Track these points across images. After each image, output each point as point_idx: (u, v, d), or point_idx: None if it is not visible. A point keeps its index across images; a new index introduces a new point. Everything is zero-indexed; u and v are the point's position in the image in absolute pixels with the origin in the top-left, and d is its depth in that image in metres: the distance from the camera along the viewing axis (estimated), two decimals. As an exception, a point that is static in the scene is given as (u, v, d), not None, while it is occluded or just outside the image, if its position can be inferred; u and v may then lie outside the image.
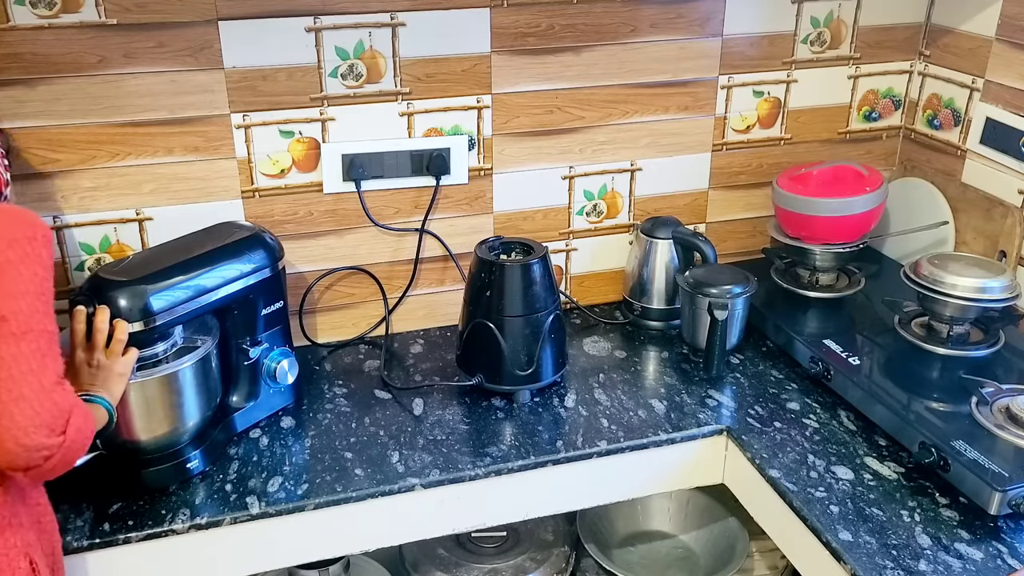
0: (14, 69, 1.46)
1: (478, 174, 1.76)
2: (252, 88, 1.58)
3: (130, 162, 1.57)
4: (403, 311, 1.82)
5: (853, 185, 1.77)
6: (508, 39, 1.68)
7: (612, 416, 1.55)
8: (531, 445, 1.47)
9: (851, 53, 1.90)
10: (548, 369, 1.58)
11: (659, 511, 1.88)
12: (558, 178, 1.82)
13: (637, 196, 1.89)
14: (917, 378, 1.55)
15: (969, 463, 1.29)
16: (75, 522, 1.30)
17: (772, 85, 1.88)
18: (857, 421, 1.51)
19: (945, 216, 1.84)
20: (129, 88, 1.52)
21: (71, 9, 1.45)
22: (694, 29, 1.77)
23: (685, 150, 1.88)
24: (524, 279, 1.53)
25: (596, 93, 1.77)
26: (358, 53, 1.61)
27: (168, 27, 1.50)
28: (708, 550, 1.81)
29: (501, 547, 1.79)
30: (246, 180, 1.64)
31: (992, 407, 1.41)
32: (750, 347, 1.75)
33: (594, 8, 1.70)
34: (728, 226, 1.98)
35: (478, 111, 1.71)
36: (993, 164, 1.76)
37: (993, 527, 1.28)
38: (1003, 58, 1.72)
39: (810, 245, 1.81)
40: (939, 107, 1.89)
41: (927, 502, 1.33)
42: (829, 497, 1.34)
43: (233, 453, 1.46)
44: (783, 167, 1.90)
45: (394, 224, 1.74)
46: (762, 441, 1.47)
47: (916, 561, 1.22)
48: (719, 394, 1.61)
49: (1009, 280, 1.56)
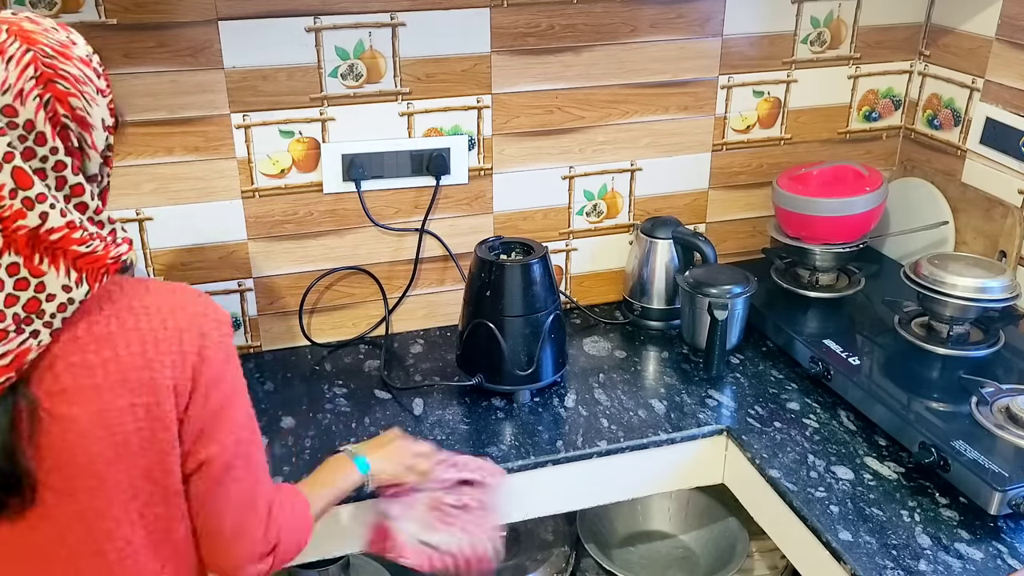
0: (14, 69, 1.46)
1: (478, 174, 1.76)
2: (252, 88, 1.58)
3: (130, 162, 1.57)
4: (403, 311, 1.83)
5: (853, 185, 1.77)
6: (508, 39, 1.68)
7: (612, 416, 1.55)
8: (531, 445, 1.47)
9: (851, 53, 1.90)
10: (548, 369, 1.58)
11: (659, 511, 1.88)
12: (558, 178, 1.82)
13: (637, 196, 1.89)
14: (917, 378, 1.55)
15: (969, 463, 1.29)
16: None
17: (772, 85, 1.88)
18: (857, 421, 1.51)
19: (945, 216, 1.84)
20: (129, 88, 1.52)
21: (71, 9, 1.45)
22: (694, 29, 1.77)
23: (685, 150, 1.88)
24: (524, 279, 1.53)
25: (596, 93, 1.77)
26: (358, 53, 1.61)
27: (168, 27, 1.50)
28: (708, 550, 1.81)
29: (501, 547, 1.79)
30: (246, 180, 1.64)
31: (992, 407, 1.41)
32: (750, 347, 1.75)
33: (594, 8, 1.70)
34: (728, 226, 1.98)
35: (478, 111, 1.71)
36: (993, 164, 1.76)
37: (993, 527, 1.28)
38: (1003, 58, 1.72)
39: (810, 245, 1.81)
40: (939, 107, 1.89)
41: (927, 502, 1.33)
42: (829, 497, 1.34)
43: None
44: (783, 167, 1.90)
45: (394, 224, 1.75)
46: (762, 441, 1.47)
47: (916, 561, 1.22)
48: (719, 394, 1.61)
49: (1009, 280, 1.56)
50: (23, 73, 0.83)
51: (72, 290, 0.86)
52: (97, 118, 0.90)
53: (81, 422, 0.88)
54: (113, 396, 0.89)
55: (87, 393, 0.88)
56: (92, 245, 0.87)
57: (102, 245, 0.88)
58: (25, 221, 0.83)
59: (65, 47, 0.87)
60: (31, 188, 0.83)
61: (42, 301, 0.85)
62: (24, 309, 0.85)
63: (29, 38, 0.85)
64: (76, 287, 0.87)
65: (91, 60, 0.90)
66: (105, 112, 0.91)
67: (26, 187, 0.83)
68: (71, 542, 0.93)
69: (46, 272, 0.85)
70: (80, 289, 0.87)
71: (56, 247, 0.85)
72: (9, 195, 0.82)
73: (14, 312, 0.84)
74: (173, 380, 0.91)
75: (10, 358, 0.84)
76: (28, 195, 0.83)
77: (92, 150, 0.90)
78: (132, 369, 0.89)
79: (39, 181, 0.84)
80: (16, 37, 0.84)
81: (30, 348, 0.85)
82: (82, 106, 0.87)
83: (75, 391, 0.87)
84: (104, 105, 0.91)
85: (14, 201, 0.82)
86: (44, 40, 0.86)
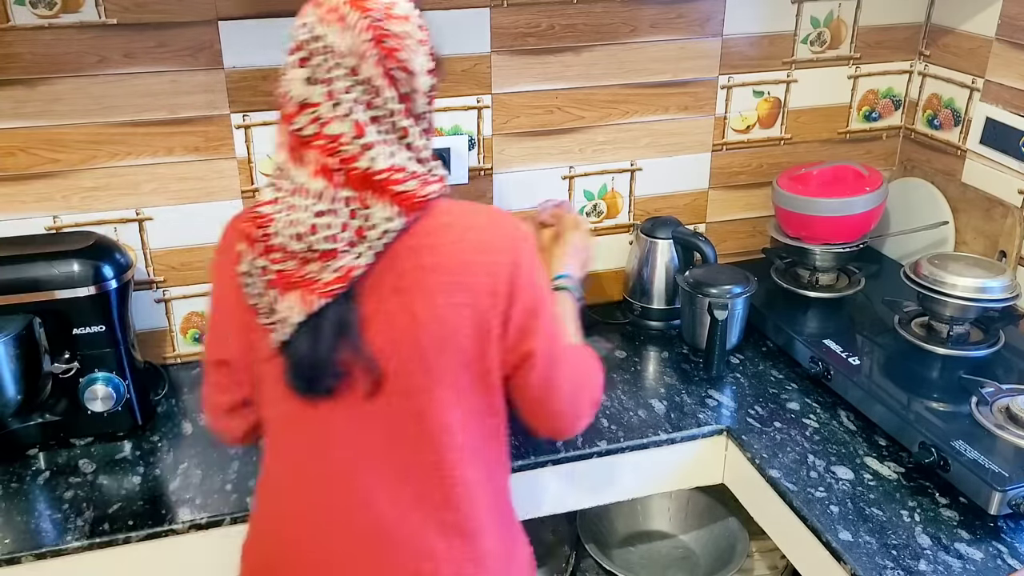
0: (14, 69, 1.46)
1: (478, 174, 1.76)
2: (252, 88, 1.58)
3: (130, 162, 1.57)
4: (403, 311, 1.82)
5: (853, 185, 1.77)
6: (508, 39, 1.68)
7: (612, 416, 1.55)
8: (531, 445, 1.47)
9: (851, 53, 1.90)
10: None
11: (659, 511, 1.88)
12: (558, 178, 1.82)
13: (637, 196, 1.89)
14: (917, 378, 1.55)
15: (969, 463, 1.29)
16: (75, 522, 1.30)
17: (772, 85, 1.88)
18: (857, 421, 1.51)
19: (945, 216, 1.84)
20: (129, 88, 1.52)
21: (71, 9, 1.45)
22: (694, 29, 1.77)
23: (685, 150, 1.88)
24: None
25: (596, 93, 1.77)
26: (358, 53, 1.61)
27: (168, 27, 1.50)
28: (708, 550, 1.81)
29: (501, 547, 1.78)
30: (246, 180, 1.64)
31: (992, 407, 1.41)
32: (750, 347, 1.75)
33: (594, 8, 1.70)
34: (728, 226, 1.98)
35: (478, 111, 1.71)
36: (993, 164, 1.76)
37: (993, 527, 1.28)
38: (1003, 58, 1.72)
39: (810, 245, 1.81)
40: (939, 107, 1.89)
41: (927, 502, 1.33)
42: (829, 497, 1.34)
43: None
44: (783, 167, 1.90)
45: (394, 224, 1.74)
46: (762, 441, 1.47)
47: (916, 561, 1.22)
48: (719, 394, 1.61)
49: (1009, 280, 1.56)
50: (361, 37, 0.97)
51: (392, 220, 1.00)
52: (419, 65, 1.02)
53: (415, 317, 1.02)
54: (442, 296, 1.02)
55: (416, 293, 1.02)
56: (409, 185, 1.00)
57: (417, 183, 1.01)
58: (359, 164, 0.98)
59: (389, 7, 1.00)
60: (365, 136, 0.98)
61: (367, 229, 1.00)
62: (356, 234, 0.99)
63: (360, 5, 0.98)
64: (395, 219, 1.00)
65: (410, 16, 1.02)
66: (425, 58, 1.03)
67: (361, 135, 0.98)
68: (404, 417, 1.06)
69: (371, 206, 0.99)
70: (398, 220, 1.00)
71: (381, 185, 0.99)
72: (349, 141, 0.98)
73: (348, 237, 0.99)
74: (491, 285, 1.04)
75: (343, 272, 1.00)
76: (365, 141, 0.98)
77: (417, 94, 1.02)
78: (454, 274, 1.03)
79: (374, 128, 0.99)
80: (351, 6, 0.98)
81: (356, 266, 1.00)
82: (407, 57, 1.00)
83: (408, 291, 1.02)
84: (424, 52, 1.03)
85: (351, 146, 0.98)
86: (372, 4, 0.99)
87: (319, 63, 0.98)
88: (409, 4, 1.03)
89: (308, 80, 0.98)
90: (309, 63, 0.98)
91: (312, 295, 1.00)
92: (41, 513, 1.33)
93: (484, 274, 1.04)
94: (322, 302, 1.00)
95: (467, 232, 1.05)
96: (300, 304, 1.00)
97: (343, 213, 0.99)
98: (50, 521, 1.31)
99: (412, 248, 1.02)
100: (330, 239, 0.99)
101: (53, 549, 1.26)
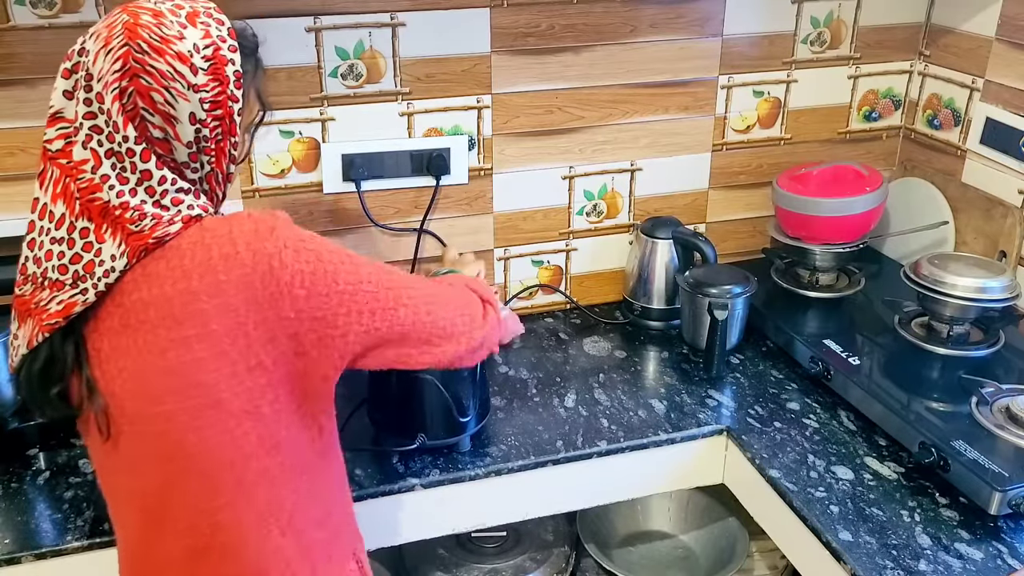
0: (14, 69, 1.46)
1: (478, 174, 1.76)
2: (252, 88, 1.58)
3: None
4: (403, 311, 1.82)
5: (853, 185, 1.77)
6: (508, 39, 1.68)
7: (612, 416, 1.55)
8: (531, 445, 1.47)
9: (851, 53, 1.90)
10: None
11: (659, 511, 1.88)
12: (558, 178, 1.82)
13: (637, 196, 1.89)
14: (917, 378, 1.55)
15: (969, 463, 1.29)
16: (75, 522, 1.30)
17: (772, 85, 1.88)
18: (857, 421, 1.51)
19: (945, 216, 1.84)
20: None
21: (71, 9, 1.45)
22: (694, 29, 1.77)
23: (685, 150, 1.88)
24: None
25: (596, 93, 1.77)
26: (358, 53, 1.61)
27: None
28: (708, 550, 1.81)
29: (501, 547, 1.79)
30: (246, 180, 1.64)
31: (992, 407, 1.41)
32: (750, 347, 1.75)
33: (594, 8, 1.70)
34: (728, 226, 1.98)
35: (478, 111, 1.71)
36: (993, 164, 1.76)
37: (993, 527, 1.28)
38: (1003, 58, 1.72)
39: (810, 245, 1.81)
40: (939, 107, 1.89)
41: (927, 502, 1.33)
42: (829, 497, 1.34)
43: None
44: (783, 167, 1.90)
45: (394, 224, 1.74)
46: (762, 441, 1.47)
47: (916, 561, 1.22)
48: (719, 394, 1.61)
49: (1009, 280, 1.56)
50: (112, 66, 0.90)
51: (116, 259, 0.93)
52: (184, 112, 0.93)
53: (142, 354, 0.94)
54: (165, 331, 0.93)
55: (140, 330, 0.94)
56: (141, 225, 0.93)
57: (151, 224, 0.93)
58: (100, 195, 0.92)
59: (166, 42, 0.91)
60: (100, 168, 0.92)
61: (96, 264, 0.93)
62: (84, 268, 0.94)
63: (135, 31, 0.90)
64: (119, 258, 0.93)
65: (191, 56, 0.92)
66: (196, 107, 0.93)
67: (98, 166, 0.92)
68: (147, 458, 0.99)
69: (106, 240, 0.93)
70: (121, 260, 0.93)
71: (117, 221, 0.93)
72: (91, 170, 0.92)
73: (75, 269, 0.94)
74: (245, 298, 0.93)
75: (62, 306, 0.94)
76: (104, 173, 0.92)
77: (176, 142, 0.94)
78: (178, 306, 0.93)
79: (107, 162, 0.92)
80: (124, 29, 0.90)
81: (76, 302, 0.94)
82: (165, 100, 0.92)
83: (134, 328, 0.94)
84: (196, 100, 0.93)
85: (93, 176, 0.92)
86: (148, 34, 0.90)
87: (78, 79, 0.92)
88: (207, 41, 0.93)
89: (66, 93, 0.93)
90: (72, 76, 0.93)
91: (37, 327, 0.95)
92: (41, 513, 1.33)
93: (229, 293, 0.92)
94: (42, 336, 0.95)
95: (196, 254, 0.94)
96: (29, 334, 0.96)
97: (77, 244, 0.93)
98: (50, 521, 1.31)
99: (136, 281, 0.94)
100: (60, 269, 0.94)
101: (53, 549, 1.26)
